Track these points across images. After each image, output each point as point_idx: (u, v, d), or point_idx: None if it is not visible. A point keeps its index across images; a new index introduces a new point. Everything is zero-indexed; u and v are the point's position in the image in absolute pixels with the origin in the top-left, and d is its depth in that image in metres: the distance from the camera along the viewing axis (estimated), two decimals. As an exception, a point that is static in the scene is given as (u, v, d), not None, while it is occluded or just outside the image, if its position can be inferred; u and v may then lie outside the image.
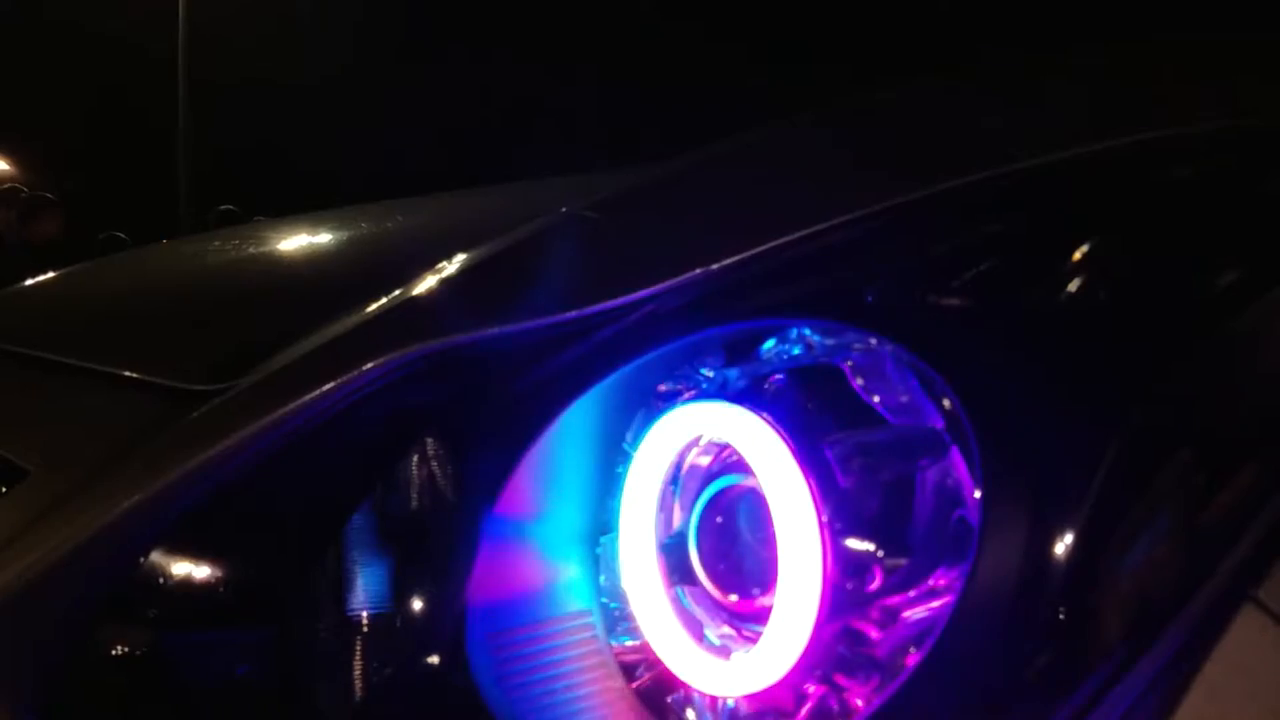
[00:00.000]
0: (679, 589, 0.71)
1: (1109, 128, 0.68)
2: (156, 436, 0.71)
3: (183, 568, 0.68)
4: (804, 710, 0.67)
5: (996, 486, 0.57)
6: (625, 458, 0.77)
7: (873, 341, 0.68)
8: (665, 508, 0.72)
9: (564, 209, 0.83)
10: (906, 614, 0.66)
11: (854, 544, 0.63)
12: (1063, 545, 0.54)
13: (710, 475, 0.71)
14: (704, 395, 0.74)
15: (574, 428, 0.74)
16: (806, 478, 0.62)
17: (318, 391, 0.69)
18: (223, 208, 6.81)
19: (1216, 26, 0.78)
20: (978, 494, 0.59)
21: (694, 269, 0.69)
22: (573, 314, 0.70)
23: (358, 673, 0.69)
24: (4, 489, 0.75)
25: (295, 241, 1.39)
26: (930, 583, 0.65)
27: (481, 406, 0.73)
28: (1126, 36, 0.79)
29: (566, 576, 0.77)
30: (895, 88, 0.86)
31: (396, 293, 0.78)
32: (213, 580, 0.69)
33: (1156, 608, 0.54)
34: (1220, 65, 0.76)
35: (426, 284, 0.77)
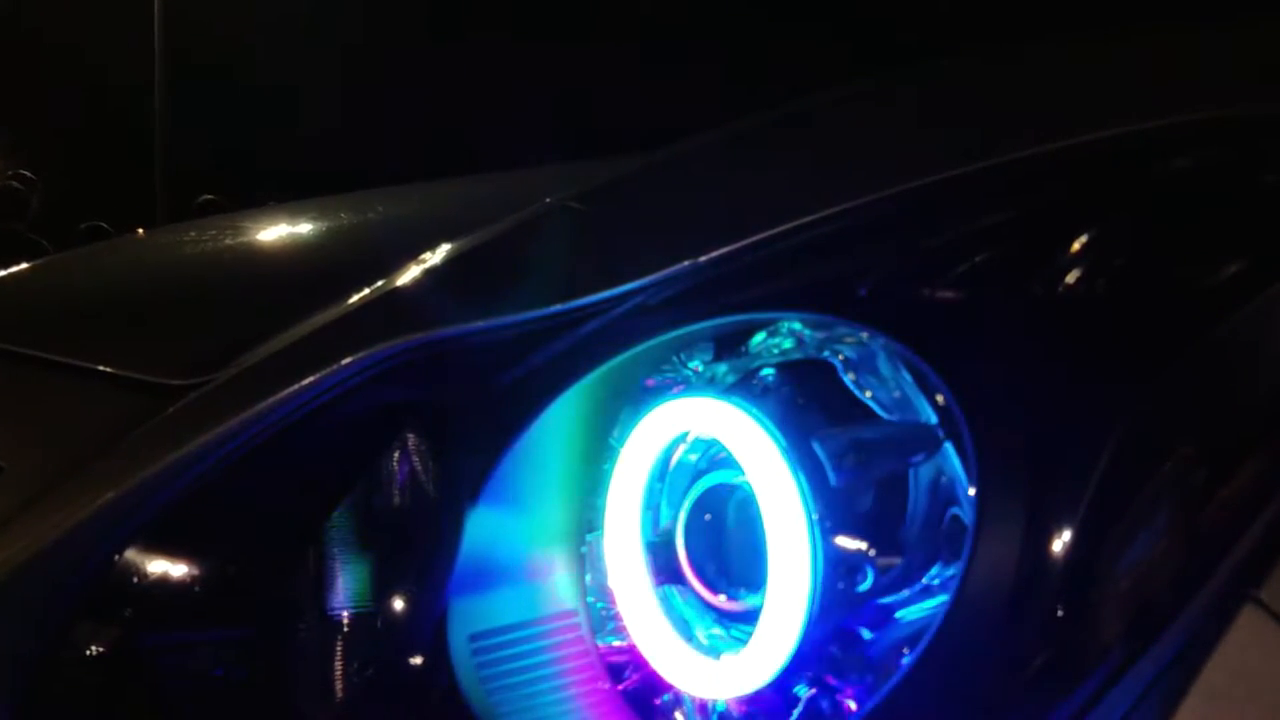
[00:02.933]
0: (667, 588, 0.70)
1: (1105, 117, 0.67)
2: (132, 432, 0.71)
3: (159, 565, 0.67)
4: (795, 712, 0.66)
5: (992, 483, 0.57)
6: (611, 454, 0.76)
7: (864, 335, 0.67)
8: (652, 505, 0.71)
9: (549, 200, 0.82)
10: (900, 614, 0.65)
11: (846, 542, 0.62)
12: (1060, 543, 0.53)
13: (698, 472, 0.70)
14: (692, 390, 0.73)
15: (559, 423, 0.74)
16: (797, 475, 0.61)
17: (297, 386, 0.68)
18: (204, 198, 6.77)
19: (1214, 14, 0.78)
20: (972, 491, 0.58)
21: (682, 261, 0.68)
22: (558, 307, 0.70)
23: (338, 674, 0.68)
24: (-24, 485, 0.74)
25: (274, 232, 1.38)
26: (924, 582, 0.65)
27: (464, 402, 0.73)
28: (1123, 25, 0.78)
29: (551, 575, 0.76)
30: (886, 76, 0.85)
31: (378, 285, 0.77)
32: (190, 579, 0.68)
33: (1155, 607, 0.54)
34: (1218, 53, 0.76)
35: (408, 276, 0.77)
